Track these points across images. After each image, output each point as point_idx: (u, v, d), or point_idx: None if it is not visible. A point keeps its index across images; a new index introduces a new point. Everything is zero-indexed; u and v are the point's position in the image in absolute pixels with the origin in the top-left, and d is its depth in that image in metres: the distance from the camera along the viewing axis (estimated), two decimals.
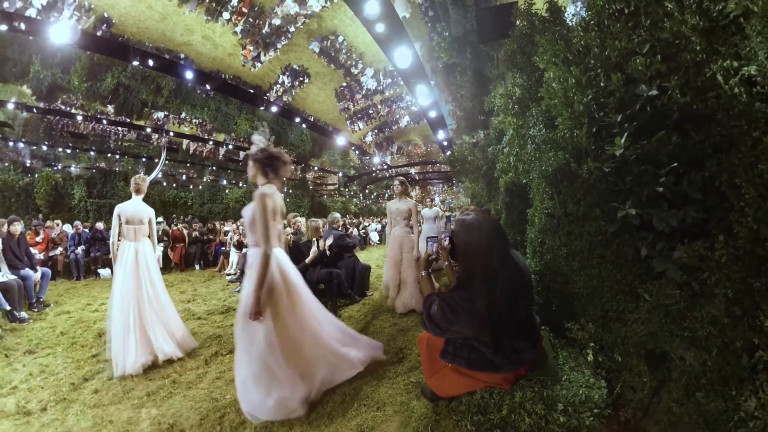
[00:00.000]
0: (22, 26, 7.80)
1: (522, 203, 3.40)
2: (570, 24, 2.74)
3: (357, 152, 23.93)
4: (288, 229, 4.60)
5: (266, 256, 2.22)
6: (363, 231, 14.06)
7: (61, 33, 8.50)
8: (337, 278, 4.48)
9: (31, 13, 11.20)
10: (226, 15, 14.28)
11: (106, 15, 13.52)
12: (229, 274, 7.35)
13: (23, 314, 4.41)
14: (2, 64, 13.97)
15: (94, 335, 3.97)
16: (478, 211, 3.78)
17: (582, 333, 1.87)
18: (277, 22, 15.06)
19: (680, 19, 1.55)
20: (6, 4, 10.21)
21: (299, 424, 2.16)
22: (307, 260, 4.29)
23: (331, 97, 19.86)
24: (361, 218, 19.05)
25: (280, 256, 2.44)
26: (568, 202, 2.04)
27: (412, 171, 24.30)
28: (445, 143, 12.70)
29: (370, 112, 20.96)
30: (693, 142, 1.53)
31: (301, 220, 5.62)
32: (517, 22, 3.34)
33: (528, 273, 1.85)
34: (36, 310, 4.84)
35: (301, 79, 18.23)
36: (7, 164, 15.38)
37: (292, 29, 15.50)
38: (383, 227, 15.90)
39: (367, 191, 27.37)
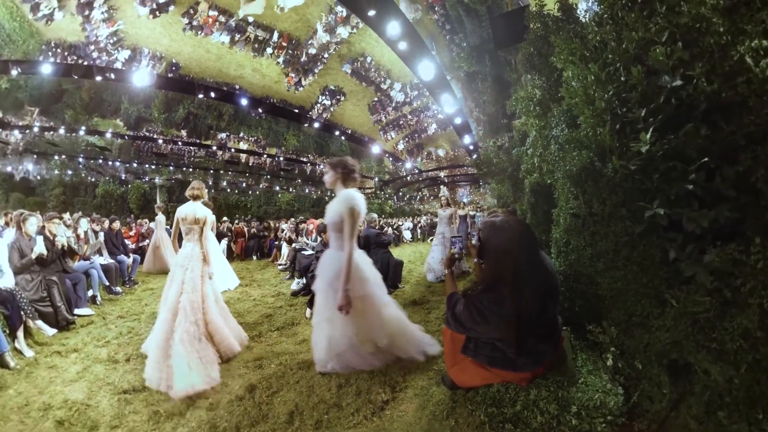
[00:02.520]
0: (112, 76, 9.46)
1: (547, 203, 3.14)
2: (583, 20, 2.46)
3: (390, 159, 24.05)
4: None
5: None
6: (396, 229, 14.01)
7: (142, 78, 9.99)
8: None
9: (118, 65, 14.53)
10: (269, 50, 15.81)
11: (174, 60, 16.01)
12: (280, 265, 7.74)
13: (118, 289, 5.15)
14: (100, 105, 17.12)
15: None
16: (507, 212, 3.51)
17: (603, 336, 1.65)
18: (312, 51, 16.14)
19: (699, 1, 1.29)
20: (98, 61, 13.77)
21: (328, 398, 2.14)
22: None
23: (365, 111, 20.26)
24: (395, 218, 19.08)
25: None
26: (594, 202, 1.81)
27: (442, 174, 23.78)
28: (471, 147, 12.19)
29: (401, 122, 21.02)
30: (724, 134, 1.27)
31: None
32: (531, 25, 3.09)
33: (555, 275, 1.67)
34: (128, 286, 5.62)
35: (338, 97, 18.98)
36: (108, 178, 18.66)
37: (326, 55, 16.51)
38: (415, 226, 16.19)
39: (400, 194, 27.38)
